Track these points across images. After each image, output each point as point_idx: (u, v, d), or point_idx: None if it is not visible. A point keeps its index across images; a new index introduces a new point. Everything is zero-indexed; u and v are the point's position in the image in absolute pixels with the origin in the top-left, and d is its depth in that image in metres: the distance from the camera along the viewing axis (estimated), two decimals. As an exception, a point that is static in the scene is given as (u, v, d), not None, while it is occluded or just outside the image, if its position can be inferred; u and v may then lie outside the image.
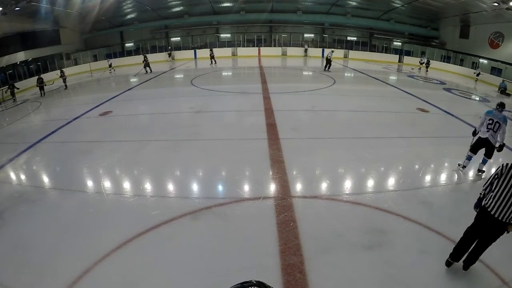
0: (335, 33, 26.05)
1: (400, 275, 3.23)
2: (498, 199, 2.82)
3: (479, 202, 3.05)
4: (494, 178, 2.94)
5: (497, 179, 2.89)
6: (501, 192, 2.81)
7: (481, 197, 3.05)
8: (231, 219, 4.19)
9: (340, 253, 3.54)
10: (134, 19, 24.32)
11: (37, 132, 7.95)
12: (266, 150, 6.22)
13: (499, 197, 2.82)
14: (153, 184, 5.23)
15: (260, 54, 24.86)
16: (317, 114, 8.95)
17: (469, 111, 8.33)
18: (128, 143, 6.98)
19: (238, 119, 8.72)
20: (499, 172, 2.89)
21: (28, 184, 5.48)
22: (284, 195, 4.65)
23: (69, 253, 3.56)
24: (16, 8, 14.66)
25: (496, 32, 17.52)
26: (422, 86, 14.50)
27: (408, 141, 7.00)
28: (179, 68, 20.16)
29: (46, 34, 18.98)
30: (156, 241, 3.77)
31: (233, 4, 24.05)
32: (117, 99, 11.36)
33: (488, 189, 2.98)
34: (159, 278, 3.20)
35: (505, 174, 2.83)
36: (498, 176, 2.89)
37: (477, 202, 3.09)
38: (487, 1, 15.73)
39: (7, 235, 3.96)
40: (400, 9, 22.10)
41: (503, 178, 2.82)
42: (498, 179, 2.87)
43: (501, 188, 2.81)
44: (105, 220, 4.21)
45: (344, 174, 5.53)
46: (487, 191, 2.99)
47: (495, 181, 2.90)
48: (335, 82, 13.97)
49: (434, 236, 3.79)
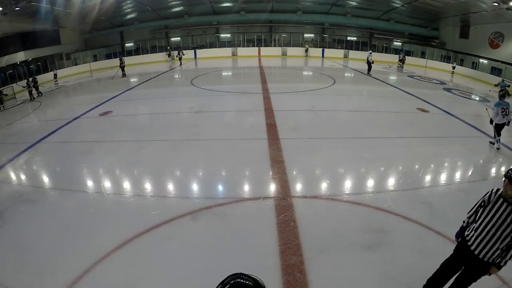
0: (335, 33, 26.04)
1: (400, 275, 3.22)
2: (481, 232, 2.40)
3: (461, 232, 2.65)
4: (480, 205, 2.51)
5: (483, 207, 2.47)
6: (485, 224, 2.38)
7: (464, 225, 2.65)
8: (231, 219, 4.19)
9: (340, 253, 3.54)
10: (134, 19, 24.32)
11: (37, 132, 7.95)
12: (266, 150, 6.22)
13: (482, 230, 2.39)
14: (153, 184, 5.23)
15: (260, 54, 24.87)
16: (317, 114, 8.96)
17: (469, 111, 8.33)
18: (128, 143, 6.98)
19: (238, 119, 8.72)
20: (486, 199, 2.45)
21: (28, 184, 5.48)
22: (284, 195, 4.65)
23: (69, 253, 3.57)
24: (16, 8, 14.65)
25: (496, 32, 17.51)
26: (422, 86, 14.50)
27: (408, 141, 7.01)
28: (179, 68, 20.16)
29: (46, 34, 18.97)
30: (156, 241, 3.77)
31: (233, 4, 24.04)
32: (117, 99, 11.37)
33: (472, 218, 2.57)
34: (159, 278, 3.20)
35: (493, 202, 2.38)
36: (484, 203, 2.45)
37: (459, 231, 2.69)
38: (487, 1, 15.72)
39: (7, 235, 3.96)
40: (400, 9, 22.10)
41: (489, 207, 2.39)
42: (484, 208, 2.44)
43: (486, 219, 2.38)
44: (105, 220, 4.21)
45: (344, 174, 5.53)
46: (471, 219, 2.58)
47: (480, 210, 2.47)
48: (335, 82, 13.97)
49: (434, 236, 3.78)
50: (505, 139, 7.20)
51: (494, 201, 2.37)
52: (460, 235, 2.65)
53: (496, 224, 2.32)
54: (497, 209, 2.34)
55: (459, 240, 2.65)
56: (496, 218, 2.33)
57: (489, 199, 2.42)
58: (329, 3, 23.27)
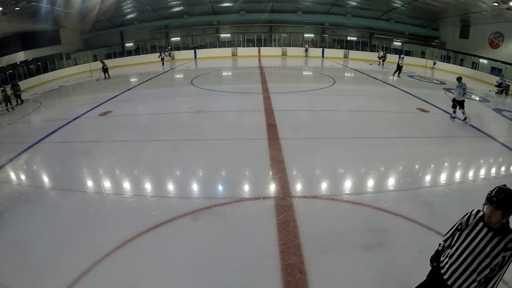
0: (335, 33, 26.06)
1: (400, 275, 3.22)
2: (455, 260, 2.08)
3: (436, 256, 2.35)
4: (457, 228, 2.19)
5: (459, 231, 2.15)
6: (461, 252, 2.06)
7: (439, 249, 2.34)
8: (231, 219, 4.19)
9: (340, 253, 3.54)
10: (134, 19, 24.33)
11: (37, 132, 7.95)
12: (266, 150, 6.22)
13: (458, 258, 2.07)
14: (153, 184, 5.23)
15: (260, 54, 24.88)
16: (317, 114, 8.95)
17: (469, 111, 8.32)
18: (128, 143, 6.98)
19: (238, 119, 8.72)
20: (464, 221, 2.14)
21: (28, 184, 5.47)
22: (284, 195, 4.65)
23: (69, 253, 3.57)
24: (16, 8, 14.66)
25: (496, 32, 17.52)
26: (422, 86, 14.50)
27: (408, 141, 7.01)
28: (179, 68, 20.16)
29: (46, 34, 18.98)
30: (156, 241, 3.77)
31: (233, 4, 24.06)
32: (117, 99, 11.36)
33: (448, 242, 2.26)
34: (159, 278, 3.20)
35: (472, 226, 2.06)
36: (462, 227, 2.14)
37: (433, 255, 2.38)
38: (487, 1, 15.73)
39: (7, 235, 3.96)
40: (400, 9, 22.11)
41: (467, 232, 2.07)
42: (461, 232, 2.12)
43: (462, 245, 2.06)
44: (105, 220, 4.21)
45: (344, 174, 5.53)
46: (446, 244, 2.28)
47: (457, 234, 2.16)
48: (335, 82, 13.97)
49: (434, 236, 3.78)
50: (505, 139, 7.23)
51: (473, 225, 2.06)
52: (435, 260, 2.34)
53: (474, 253, 2.00)
54: (476, 235, 2.02)
55: (434, 265, 2.35)
56: (474, 245, 2.00)
57: (467, 222, 2.11)
58: (329, 3, 23.29)
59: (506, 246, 1.93)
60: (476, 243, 2.00)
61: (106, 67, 16.52)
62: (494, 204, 1.89)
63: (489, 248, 1.96)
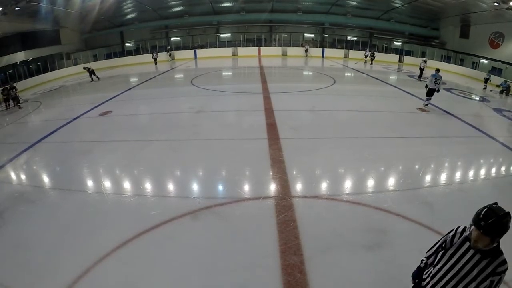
0: (335, 33, 26.05)
1: (400, 275, 3.22)
2: (438, 281, 1.90)
3: (418, 272, 2.17)
4: (440, 245, 1.99)
5: (443, 249, 1.96)
6: (444, 273, 1.87)
7: (421, 266, 2.16)
8: (231, 219, 4.19)
9: (340, 253, 3.54)
10: (134, 19, 24.32)
11: (37, 132, 7.95)
12: (266, 150, 6.22)
13: (440, 280, 1.89)
14: (153, 184, 5.23)
15: (260, 54, 24.87)
16: (317, 114, 8.95)
17: (469, 111, 8.32)
18: (128, 143, 6.98)
19: (238, 119, 8.72)
20: (448, 240, 1.93)
21: (28, 184, 5.47)
22: (284, 195, 4.65)
23: (69, 253, 3.56)
24: (16, 8, 14.66)
25: (496, 32, 17.51)
26: (422, 86, 14.47)
27: (408, 141, 7.00)
28: (179, 68, 20.16)
29: (46, 34, 18.97)
30: (156, 241, 3.77)
31: (233, 4, 24.05)
32: (117, 99, 11.36)
33: (431, 260, 2.08)
34: (159, 278, 3.20)
35: (457, 246, 1.85)
36: (446, 245, 1.93)
37: (416, 271, 2.20)
38: (487, 1, 15.73)
39: (7, 235, 3.96)
40: (400, 9, 22.10)
41: (451, 252, 1.87)
42: (445, 251, 1.92)
43: (446, 266, 1.87)
44: (105, 220, 4.20)
45: (344, 174, 5.53)
46: (429, 261, 2.10)
47: (441, 252, 1.97)
48: (335, 82, 13.96)
49: (434, 236, 3.77)
50: (505, 139, 7.22)
51: (458, 245, 1.84)
52: (417, 277, 2.17)
53: (458, 275, 1.80)
54: (461, 256, 1.81)
55: (416, 281, 2.18)
56: (459, 268, 1.80)
57: (451, 241, 1.90)
58: (329, 3, 23.28)
59: (495, 270, 1.73)
60: (461, 265, 1.80)
61: (91, 69, 16.44)
62: (482, 230, 1.65)
63: (476, 272, 1.76)
